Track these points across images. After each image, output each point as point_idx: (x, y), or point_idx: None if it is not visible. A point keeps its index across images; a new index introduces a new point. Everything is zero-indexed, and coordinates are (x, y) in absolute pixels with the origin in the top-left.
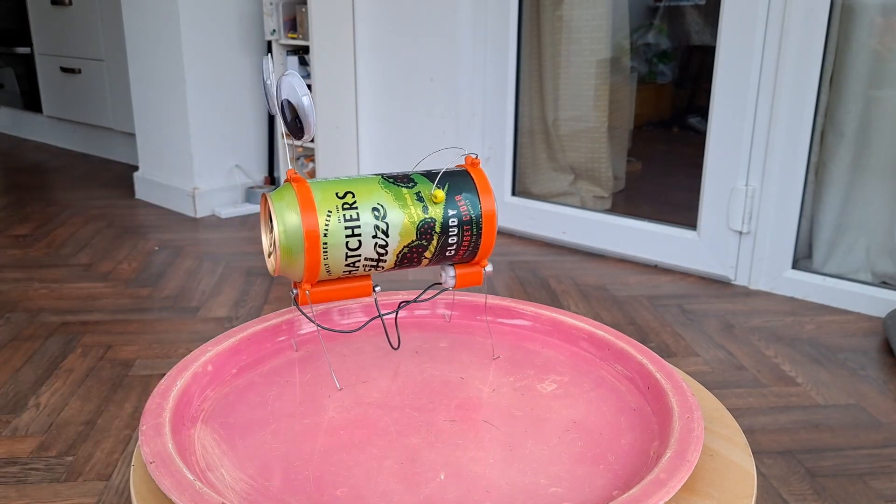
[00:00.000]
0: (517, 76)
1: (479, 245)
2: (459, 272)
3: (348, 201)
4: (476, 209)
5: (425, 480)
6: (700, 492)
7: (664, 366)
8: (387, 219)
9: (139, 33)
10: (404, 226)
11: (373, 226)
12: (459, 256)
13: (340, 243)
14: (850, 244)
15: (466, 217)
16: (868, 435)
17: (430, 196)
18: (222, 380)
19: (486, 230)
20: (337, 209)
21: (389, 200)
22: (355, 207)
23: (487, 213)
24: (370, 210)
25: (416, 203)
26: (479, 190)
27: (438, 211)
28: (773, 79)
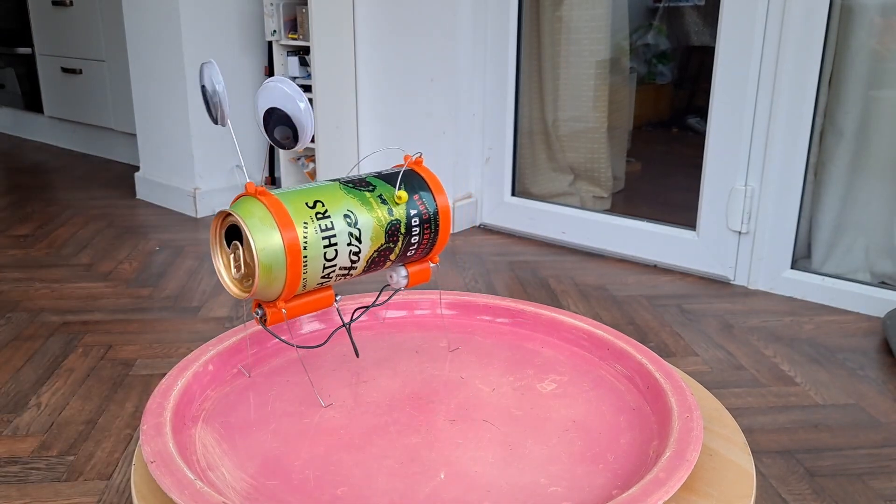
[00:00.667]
0: (517, 76)
1: (436, 242)
2: (412, 271)
3: (320, 210)
4: (433, 206)
5: (425, 480)
6: (699, 491)
7: (663, 365)
8: (358, 225)
9: (140, 34)
10: (374, 230)
11: (347, 233)
12: (418, 255)
13: (319, 255)
14: (849, 244)
15: (426, 216)
16: (867, 435)
17: (392, 198)
18: (223, 379)
19: (442, 226)
20: (312, 220)
21: (357, 206)
22: (328, 216)
23: (443, 210)
24: (342, 217)
25: (381, 206)
26: (432, 187)
27: (402, 212)
28: (773, 79)
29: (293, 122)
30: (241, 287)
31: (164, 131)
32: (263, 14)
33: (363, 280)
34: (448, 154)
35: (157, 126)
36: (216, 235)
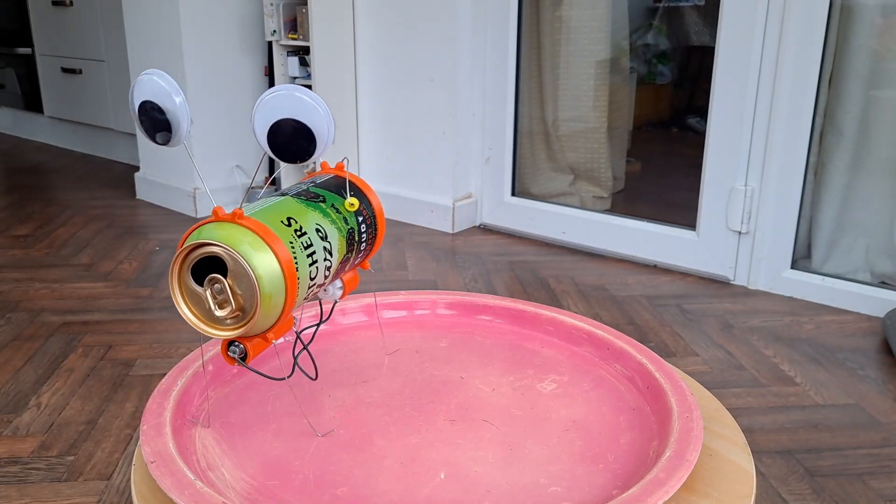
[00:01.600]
0: (517, 76)
1: (374, 245)
2: (346, 279)
3: (297, 228)
4: (370, 208)
5: (425, 480)
6: (699, 491)
7: (663, 365)
8: (328, 238)
9: (140, 34)
10: (339, 241)
11: (322, 248)
12: (360, 261)
13: (306, 275)
14: (849, 244)
15: (368, 220)
16: (867, 435)
17: (343, 206)
18: (223, 379)
19: (379, 227)
20: (294, 239)
21: (321, 219)
22: (305, 233)
23: (378, 210)
24: (315, 232)
25: (337, 215)
26: (363, 189)
27: (352, 219)
28: (773, 79)
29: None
30: (222, 326)
31: None
32: (263, 14)
33: (362, 280)
34: (448, 154)
35: None
36: (177, 275)
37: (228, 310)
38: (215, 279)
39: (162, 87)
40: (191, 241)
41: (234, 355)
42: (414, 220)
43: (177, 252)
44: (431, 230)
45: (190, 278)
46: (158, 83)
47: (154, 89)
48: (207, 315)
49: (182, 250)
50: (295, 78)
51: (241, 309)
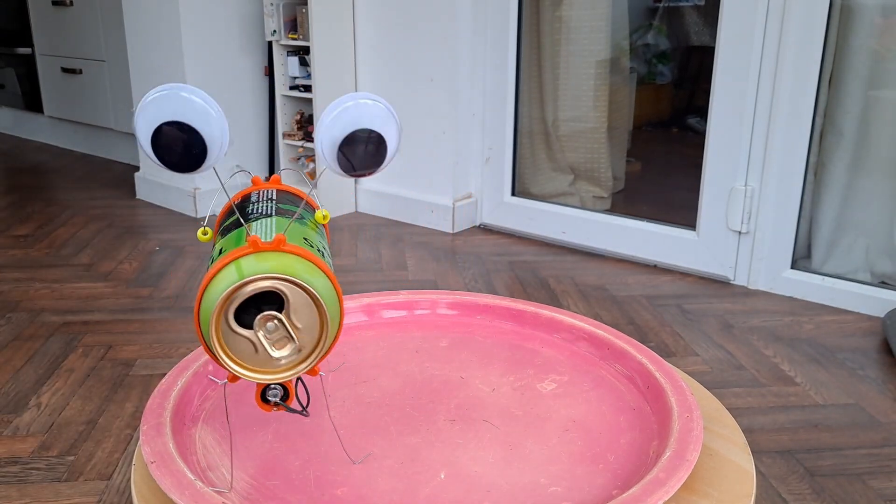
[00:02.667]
0: (517, 76)
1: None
2: None
3: (317, 248)
4: (312, 214)
5: (425, 480)
6: (699, 491)
7: (663, 365)
8: (326, 256)
9: (140, 34)
10: (329, 256)
11: (330, 266)
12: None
13: None
14: (849, 244)
15: (325, 228)
16: (867, 435)
17: (318, 218)
18: (223, 379)
19: (327, 234)
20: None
21: (314, 236)
22: (323, 253)
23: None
24: (324, 251)
25: (317, 229)
26: (308, 201)
27: (320, 229)
28: (773, 79)
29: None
30: (277, 368)
31: None
32: (263, 14)
33: (361, 280)
34: (448, 154)
35: None
36: (216, 324)
37: (290, 348)
38: (269, 317)
39: (191, 102)
40: (228, 279)
41: (274, 398)
42: (414, 220)
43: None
44: (431, 230)
45: (234, 323)
46: (185, 98)
47: (178, 107)
48: (258, 360)
49: (226, 294)
50: (295, 78)
51: (303, 347)
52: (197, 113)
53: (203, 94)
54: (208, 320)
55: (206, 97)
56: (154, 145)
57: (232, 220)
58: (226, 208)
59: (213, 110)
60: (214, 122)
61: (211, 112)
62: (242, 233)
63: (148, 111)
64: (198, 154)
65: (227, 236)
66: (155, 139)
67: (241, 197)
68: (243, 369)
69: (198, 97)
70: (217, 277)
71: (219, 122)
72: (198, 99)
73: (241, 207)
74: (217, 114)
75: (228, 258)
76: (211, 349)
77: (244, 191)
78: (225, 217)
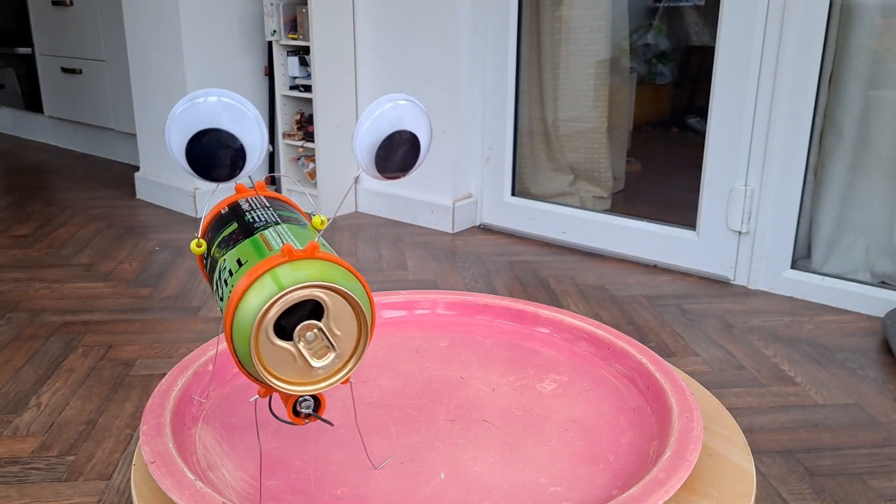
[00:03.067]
0: (517, 76)
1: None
2: None
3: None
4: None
5: (425, 480)
6: (699, 491)
7: (663, 365)
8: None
9: (140, 34)
10: None
11: None
12: None
13: None
14: (849, 244)
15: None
16: (867, 434)
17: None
18: (223, 379)
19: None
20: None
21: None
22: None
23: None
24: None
25: (316, 233)
26: (293, 206)
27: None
28: (773, 79)
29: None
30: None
31: None
32: (263, 14)
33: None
34: (448, 154)
35: (157, 126)
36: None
37: (331, 357)
38: (309, 327)
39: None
40: (267, 290)
41: (308, 410)
42: (414, 220)
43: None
44: (431, 230)
45: (273, 336)
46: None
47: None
48: (296, 371)
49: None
50: (295, 78)
51: (345, 353)
52: (234, 118)
53: (238, 97)
54: (247, 335)
55: (243, 100)
56: (190, 155)
57: (230, 230)
58: (211, 218)
59: (250, 113)
60: (252, 125)
61: (249, 115)
62: (258, 242)
63: (181, 120)
64: (237, 161)
65: (238, 246)
66: (190, 149)
67: (229, 205)
68: (283, 382)
69: (234, 101)
70: (252, 289)
71: (258, 125)
72: (234, 102)
73: (239, 216)
74: (255, 117)
75: (261, 268)
76: (246, 365)
77: (229, 199)
78: (219, 227)
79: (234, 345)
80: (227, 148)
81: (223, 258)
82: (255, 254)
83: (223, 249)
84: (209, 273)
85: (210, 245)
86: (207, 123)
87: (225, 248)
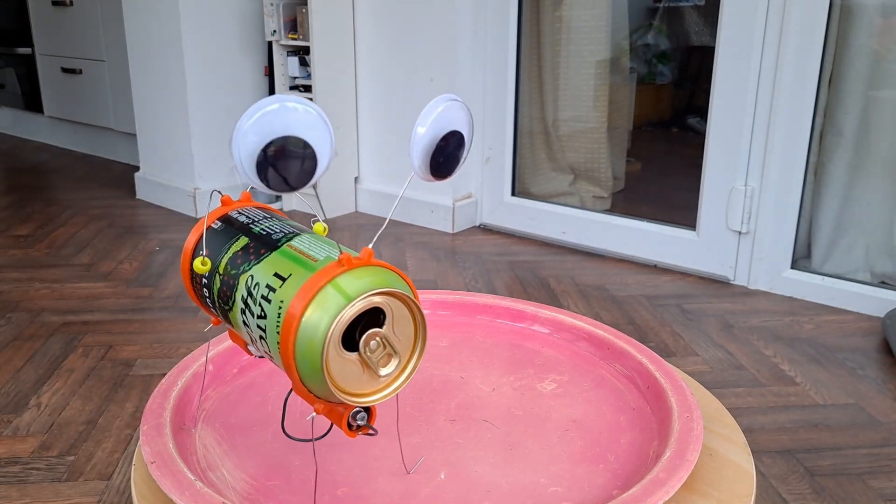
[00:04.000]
0: (517, 76)
1: None
2: None
3: None
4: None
5: (425, 480)
6: (699, 491)
7: (663, 365)
8: None
9: (140, 34)
10: None
11: None
12: None
13: None
14: (849, 244)
15: None
16: (867, 434)
17: (320, 230)
18: (223, 379)
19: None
20: None
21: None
22: None
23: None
24: None
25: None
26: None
27: None
28: (773, 79)
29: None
30: (377, 385)
31: (165, 131)
32: (263, 14)
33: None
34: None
35: (157, 126)
36: (330, 350)
37: (394, 363)
38: (372, 336)
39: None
40: (334, 303)
41: (363, 422)
42: (414, 220)
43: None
44: (431, 230)
45: (342, 349)
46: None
47: (286, 121)
48: (362, 382)
49: (336, 322)
50: (295, 78)
51: (404, 359)
52: (305, 124)
53: (307, 102)
54: (318, 351)
55: (312, 104)
56: (262, 166)
57: (240, 244)
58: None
59: (322, 119)
60: (324, 131)
61: (321, 121)
62: (292, 254)
63: (253, 130)
64: (309, 169)
65: (264, 260)
66: (263, 160)
67: (219, 219)
68: (351, 396)
69: (302, 105)
70: (316, 303)
71: (328, 131)
72: (305, 107)
73: (243, 229)
74: (326, 122)
75: (321, 280)
76: (311, 383)
77: (214, 212)
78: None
79: (297, 364)
80: (299, 154)
81: (246, 274)
82: (299, 266)
83: (241, 265)
84: (216, 292)
85: (214, 262)
86: (282, 131)
87: (244, 263)
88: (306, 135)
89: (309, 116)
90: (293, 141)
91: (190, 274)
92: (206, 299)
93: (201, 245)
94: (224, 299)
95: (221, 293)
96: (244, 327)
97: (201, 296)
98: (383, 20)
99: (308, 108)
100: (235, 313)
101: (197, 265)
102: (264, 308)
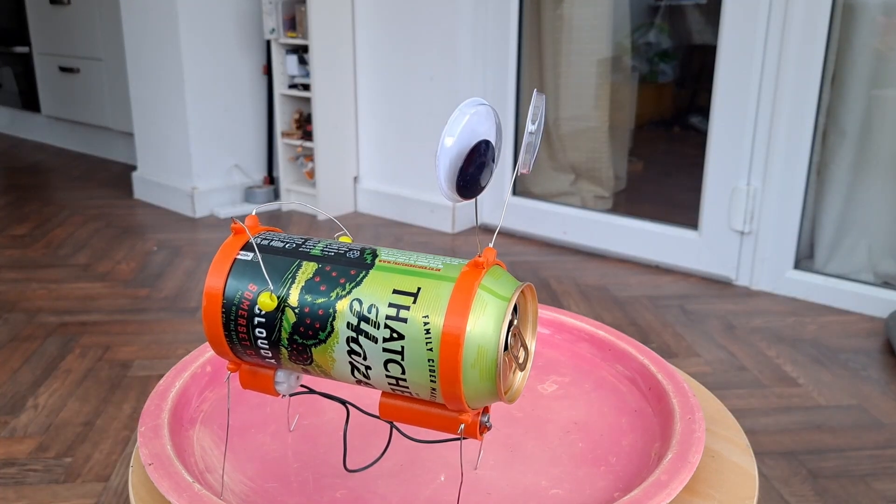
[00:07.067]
0: (517, 76)
1: None
2: None
3: None
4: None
5: (425, 481)
6: (701, 493)
7: (665, 366)
8: None
9: (138, 32)
10: None
11: None
12: None
13: None
14: (851, 244)
15: None
16: (870, 436)
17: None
18: (221, 381)
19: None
20: None
21: None
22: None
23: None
24: None
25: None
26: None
27: None
28: (775, 78)
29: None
30: (512, 382)
31: (162, 131)
32: (262, 12)
33: None
34: None
35: (154, 125)
36: (501, 353)
37: (523, 357)
38: (512, 333)
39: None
40: (495, 307)
41: (487, 423)
42: (413, 220)
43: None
44: (431, 230)
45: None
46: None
47: (481, 124)
48: (508, 378)
49: (504, 325)
50: (293, 76)
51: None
52: (494, 128)
53: (482, 101)
54: (491, 357)
55: (486, 102)
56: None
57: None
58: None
59: (494, 115)
60: (490, 124)
61: (500, 125)
62: (401, 268)
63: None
64: (491, 168)
65: (364, 282)
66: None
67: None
68: (506, 394)
69: (483, 106)
70: (477, 311)
71: (494, 122)
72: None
73: (298, 253)
74: (493, 115)
75: (469, 286)
76: (482, 393)
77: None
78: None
79: (465, 374)
80: (485, 157)
81: (344, 300)
82: (423, 277)
83: (328, 292)
84: (287, 328)
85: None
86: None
87: (333, 289)
88: (488, 135)
89: (489, 117)
90: (482, 144)
91: (223, 318)
92: (260, 340)
93: (260, 279)
94: (308, 333)
95: (302, 327)
96: (348, 356)
97: (251, 338)
98: (383, 18)
99: (489, 109)
100: (332, 344)
101: (265, 302)
102: (397, 328)
